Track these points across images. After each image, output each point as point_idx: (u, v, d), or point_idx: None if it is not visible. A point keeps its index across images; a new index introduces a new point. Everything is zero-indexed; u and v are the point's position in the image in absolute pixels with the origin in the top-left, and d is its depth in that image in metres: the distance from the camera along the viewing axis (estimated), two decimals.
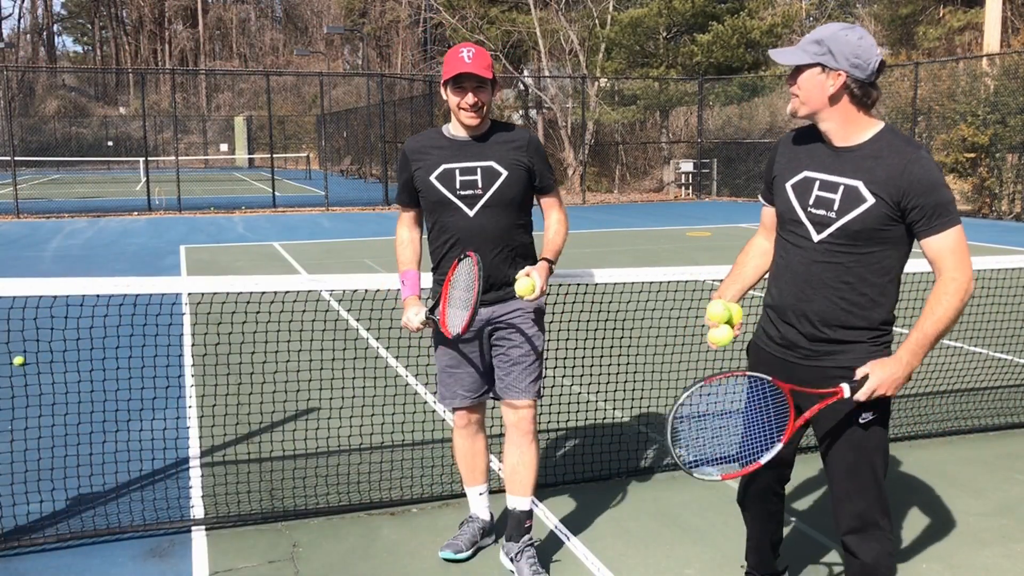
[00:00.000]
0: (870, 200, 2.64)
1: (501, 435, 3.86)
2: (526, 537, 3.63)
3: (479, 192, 3.45)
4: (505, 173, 3.46)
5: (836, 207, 2.69)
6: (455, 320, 3.38)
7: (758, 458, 2.81)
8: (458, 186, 3.46)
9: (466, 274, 3.38)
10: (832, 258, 2.73)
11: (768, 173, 2.97)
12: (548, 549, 3.86)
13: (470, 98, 3.38)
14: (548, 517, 4.18)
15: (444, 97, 3.46)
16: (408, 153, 3.58)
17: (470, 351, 3.61)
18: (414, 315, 3.49)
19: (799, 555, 3.77)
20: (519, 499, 3.63)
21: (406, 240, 3.68)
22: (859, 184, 2.66)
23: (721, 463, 2.86)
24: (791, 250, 2.84)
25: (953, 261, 2.62)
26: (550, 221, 3.64)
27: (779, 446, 2.79)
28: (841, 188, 2.69)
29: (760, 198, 3.07)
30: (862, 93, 2.66)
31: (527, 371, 3.57)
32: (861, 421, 2.76)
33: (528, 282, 3.32)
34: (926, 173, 2.60)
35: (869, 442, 2.78)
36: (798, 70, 2.71)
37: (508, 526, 3.68)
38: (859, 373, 2.66)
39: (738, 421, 2.92)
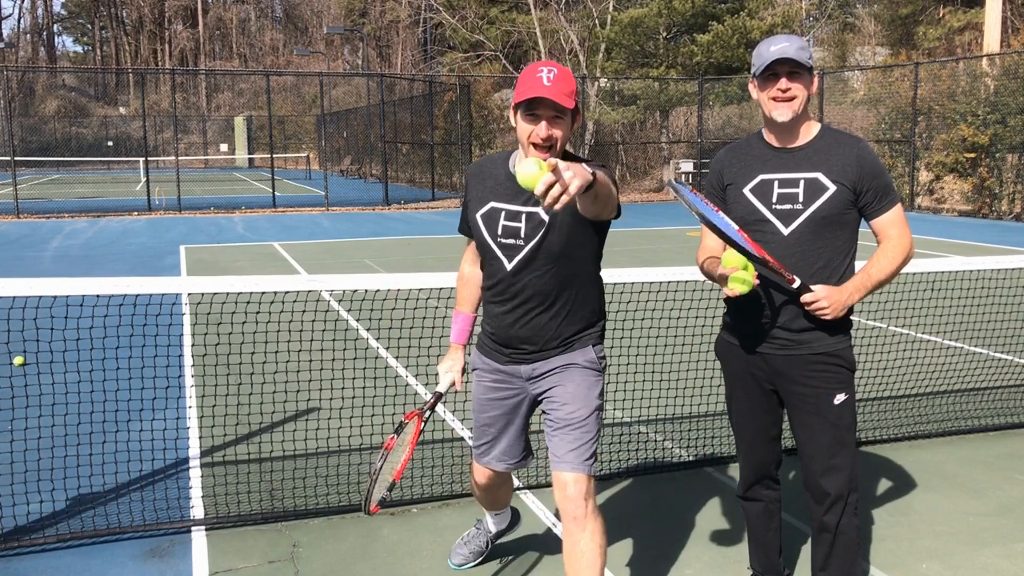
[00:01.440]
0: (832, 187, 2.86)
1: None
2: None
3: (520, 243, 2.82)
4: (552, 221, 2.78)
5: (801, 199, 2.88)
6: (381, 481, 3.08)
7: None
8: (499, 231, 2.86)
9: (404, 438, 3.10)
10: (802, 247, 2.89)
11: (716, 186, 3.11)
12: (548, 549, 3.86)
13: (543, 130, 2.65)
14: (548, 517, 4.18)
15: (512, 122, 2.77)
16: (469, 177, 3.02)
17: (509, 413, 3.07)
18: (444, 371, 3.21)
19: (795, 550, 3.78)
20: None
21: (465, 276, 3.21)
22: (819, 175, 2.88)
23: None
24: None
25: (899, 231, 2.92)
26: None
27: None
28: (802, 182, 2.89)
29: None
30: None
31: (574, 435, 2.84)
32: (836, 402, 2.94)
33: (534, 164, 2.15)
34: (874, 160, 2.89)
35: (843, 421, 2.96)
36: (799, 72, 2.85)
37: None
38: (812, 287, 2.82)
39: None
